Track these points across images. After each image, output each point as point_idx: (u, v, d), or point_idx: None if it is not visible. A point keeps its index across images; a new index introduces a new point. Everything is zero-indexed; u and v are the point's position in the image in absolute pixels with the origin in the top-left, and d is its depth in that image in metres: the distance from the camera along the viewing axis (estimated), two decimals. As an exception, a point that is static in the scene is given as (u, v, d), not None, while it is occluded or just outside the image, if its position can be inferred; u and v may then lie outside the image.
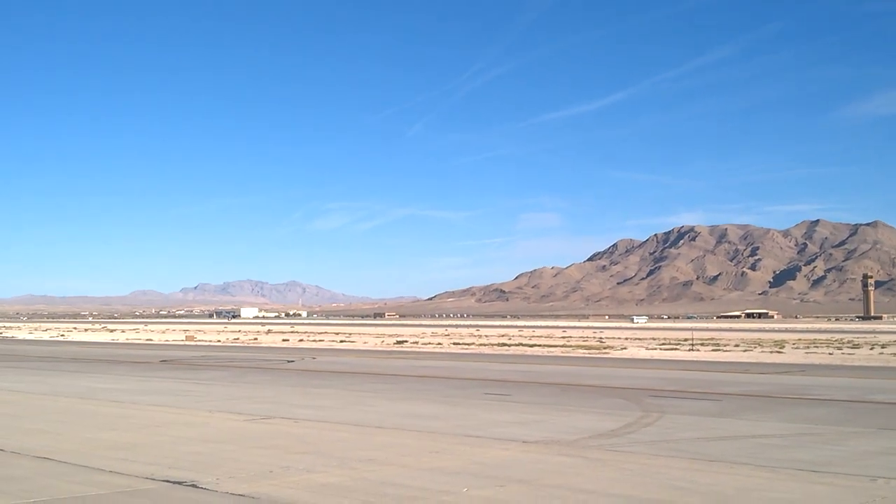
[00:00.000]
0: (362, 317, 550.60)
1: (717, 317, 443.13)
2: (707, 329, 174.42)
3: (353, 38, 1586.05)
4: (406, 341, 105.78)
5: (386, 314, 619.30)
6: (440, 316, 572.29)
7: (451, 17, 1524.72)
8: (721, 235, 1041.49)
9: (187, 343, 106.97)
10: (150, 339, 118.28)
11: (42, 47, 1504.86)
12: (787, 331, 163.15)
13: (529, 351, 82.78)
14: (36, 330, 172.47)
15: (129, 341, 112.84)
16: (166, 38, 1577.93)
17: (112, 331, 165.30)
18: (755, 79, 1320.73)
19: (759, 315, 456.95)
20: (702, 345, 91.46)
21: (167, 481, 18.13)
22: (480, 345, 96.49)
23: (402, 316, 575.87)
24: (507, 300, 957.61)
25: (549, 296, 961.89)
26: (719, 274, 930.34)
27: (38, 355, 74.86)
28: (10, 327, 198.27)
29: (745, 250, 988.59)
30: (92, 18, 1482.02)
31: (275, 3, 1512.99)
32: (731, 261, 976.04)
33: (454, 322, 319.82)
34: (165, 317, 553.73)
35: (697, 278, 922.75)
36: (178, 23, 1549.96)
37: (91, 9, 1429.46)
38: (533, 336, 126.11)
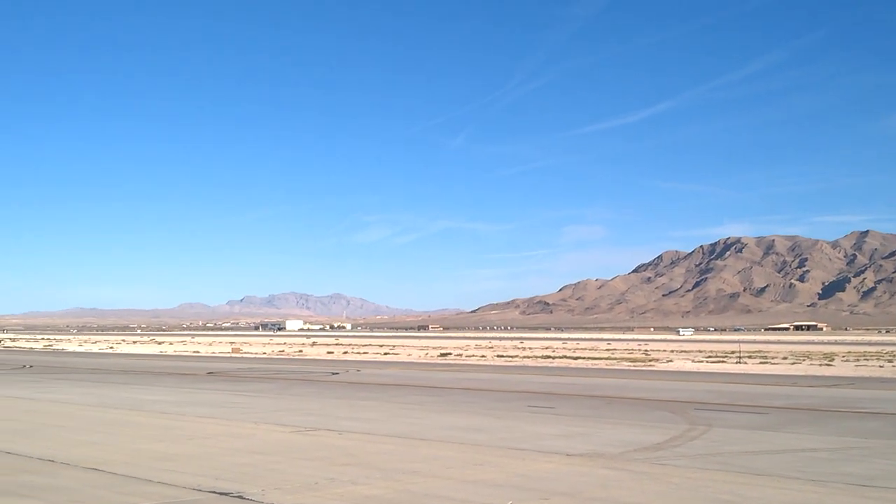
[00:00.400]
0: (406, 329, 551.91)
1: (765, 329, 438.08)
2: (754, 341, 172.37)
3: (395, 50, 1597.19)
4: (450, 354, 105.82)
5: (430, 326, 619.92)
6: (484, 328, 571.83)
7: (491, 29, 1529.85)
8: (768, 247, 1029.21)
9: (233, 355, 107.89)
10: (197, 352, 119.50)
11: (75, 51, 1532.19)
12: (836, 343, 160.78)
13: (573, 363, 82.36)
14: (85, 342, 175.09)
15: (177, 353, 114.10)
16: (212, 48, 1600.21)
17: (160, 343, 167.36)
18: (802, 88, 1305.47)
19: (808, 327, 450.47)
20: (749, 357, 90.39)
21: (214, 492, 18.31)
22: (524, 357, 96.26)
23: (445, 328, 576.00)
24: (552, 312, 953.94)
25: (593, 308, 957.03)
26: (767, 286, 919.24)
27: (88, 367, 75.97)
28: (61, 339, 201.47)
29: (793, 262, 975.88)
30: (143, 28, 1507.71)
31: (320, 13, 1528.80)
32: (778, 272, 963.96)
33: (498, 334, 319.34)
34: (212, 329, 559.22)
35: (744, 290, 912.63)
36: (225, 34, 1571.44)
37: (131, 11, 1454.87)
38: (577, 348, 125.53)
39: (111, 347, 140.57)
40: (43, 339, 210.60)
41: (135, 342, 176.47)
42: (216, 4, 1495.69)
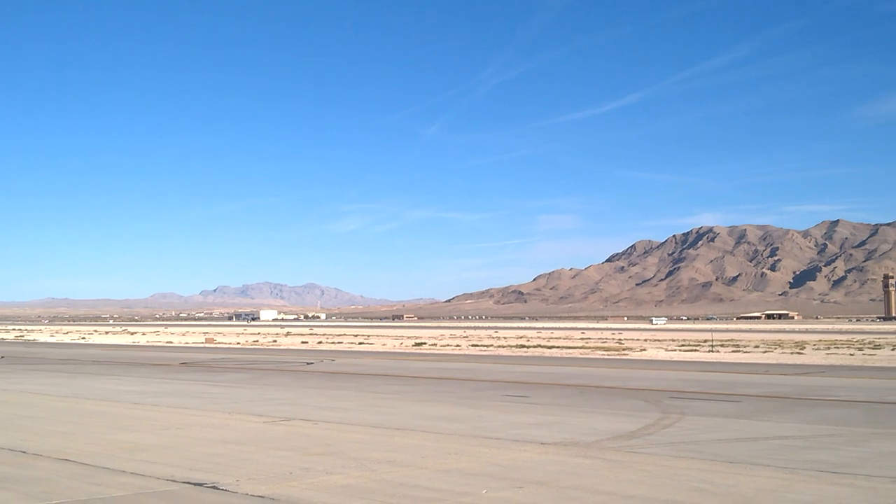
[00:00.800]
0: (381, 319, 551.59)
1: (737, 318, 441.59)
2: (727, 330, 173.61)
3: (369, 39, 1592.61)
4: (424, 343, 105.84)
5: (404, 316, 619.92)
6: (458, 318, 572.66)
7: (467, 19, 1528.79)
8: (740, 236, 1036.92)
9: (207, 345, 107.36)
10: (171, 342, 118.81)
11: (51, 46, 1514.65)
12: (807, 332, 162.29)
13: (548, 352, 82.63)
14: (57, 333, 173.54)
15: (150, 344, 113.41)
16: (184, 38, 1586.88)
17: (133, 333, 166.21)
18: (774, 78, 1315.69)
19: (779, 316, 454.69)
20: (721, 346, 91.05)
21: (187, 482, 18.25)
22: (499, 346, 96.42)
23: (420, 318, 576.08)
24: (526, 302, 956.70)
25: (567, 297, 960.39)
26: (739, 275, 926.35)
27: (60, 358, 75.35)
28: (32, 330, 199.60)
29: (764, 251, 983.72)
30: (106, 18, 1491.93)
31: (293, 4, 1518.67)
32: (750, 262, 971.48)
33: (472, 324, 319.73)
34: (185, 319, 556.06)
35: (717, 279, 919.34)
36: (196, 23, 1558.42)
37: (105, 8, 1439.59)
38: (551, 337, 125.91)
39: (83, 338, 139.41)
40: (14, 329, 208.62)
41: (107, 332, 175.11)
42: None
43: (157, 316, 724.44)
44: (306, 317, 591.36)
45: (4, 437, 25.17)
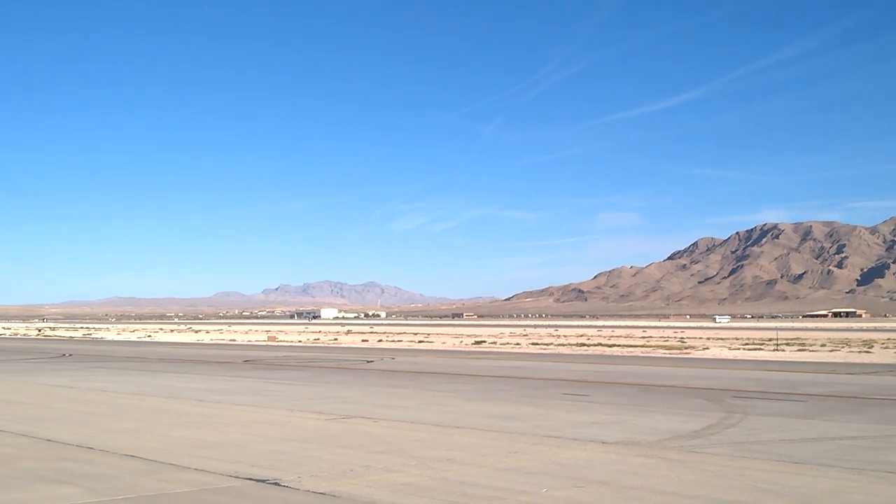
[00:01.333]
0: (441, 317, 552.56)
1: (803, 316, 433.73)
2: (792, 329, 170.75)
3: (427, 39, 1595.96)
4: (484, 341, 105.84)
5: (464, 314, 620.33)
6: (518, 316, 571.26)
7: (523, 18, 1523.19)
8: (806, 233, 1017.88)
9: (269, 343, 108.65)
10: (234, 340, 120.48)
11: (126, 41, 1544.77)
12: (875, 330, 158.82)
13: (609, 351, 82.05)
14: (124, 331, 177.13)
15: (214, 342, 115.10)
16: (254, 39, 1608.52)
17: (197, 331, 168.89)
18: (838, 72, 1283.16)
19: (847, 314, 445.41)
20: (787, 345, 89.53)
21: (250, 479, 18.46)
22: (559, 345, 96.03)
23: (480, 316, 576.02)
24: (586, 300, 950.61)
25: (628, 295, 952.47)
26: (804, 272, 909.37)
27: (126, 356, 76.86)
28: (99, 328, 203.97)
29: (830, 248, 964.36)
30: (185, 15, 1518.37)
31: (355, 6, 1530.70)
32: (816, 259, 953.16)
33: (532, 322, 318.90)
34: (248, 317, 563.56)
35: (781, 277, 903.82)
36: (267, 25, 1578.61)
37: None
38: (612, 336, 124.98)
39: (149, 336, 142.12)
40: (82, 327, 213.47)
41: (172, 331, 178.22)
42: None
43: (221, 314, 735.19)
44: (366, 315, 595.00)
45: (72, 433, 25.74)
